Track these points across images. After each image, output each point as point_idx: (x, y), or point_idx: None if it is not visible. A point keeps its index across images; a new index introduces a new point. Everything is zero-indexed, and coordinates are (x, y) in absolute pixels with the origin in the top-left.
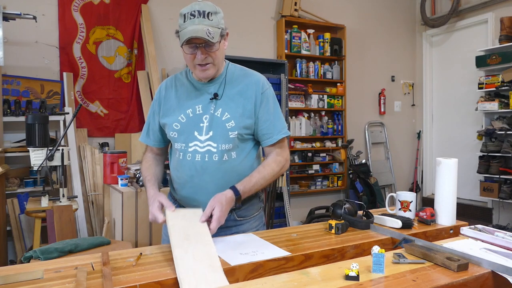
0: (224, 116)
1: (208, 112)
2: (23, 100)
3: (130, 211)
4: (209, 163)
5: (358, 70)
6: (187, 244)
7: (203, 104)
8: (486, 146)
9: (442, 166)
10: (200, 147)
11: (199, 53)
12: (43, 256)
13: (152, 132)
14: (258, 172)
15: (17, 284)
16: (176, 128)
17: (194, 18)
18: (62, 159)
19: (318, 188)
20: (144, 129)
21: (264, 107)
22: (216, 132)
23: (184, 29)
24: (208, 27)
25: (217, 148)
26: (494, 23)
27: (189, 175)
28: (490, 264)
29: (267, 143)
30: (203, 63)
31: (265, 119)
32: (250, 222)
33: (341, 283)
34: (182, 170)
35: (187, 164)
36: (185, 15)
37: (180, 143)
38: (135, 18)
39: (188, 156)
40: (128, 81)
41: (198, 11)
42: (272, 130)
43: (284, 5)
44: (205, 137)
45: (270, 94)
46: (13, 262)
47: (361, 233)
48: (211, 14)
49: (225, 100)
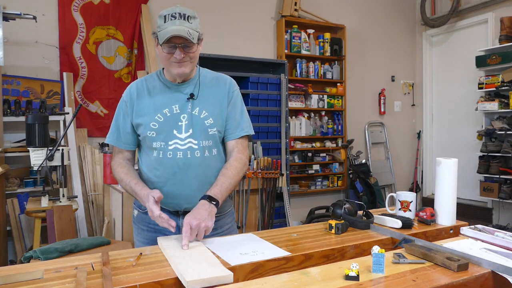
0: (202, 114)
1: (185, 111)
2: (23, 100)
3: (130, 211)
4: (191, 159)
5: (358, 70)
6: (183, 254)
7: (180, 103)
8: (486, 146)
9: (442, 166)
10: (180, 145)
11: (177, 52)
12: (43, 256)
13: (123, 134)
14: (224, 176)
15: (17, 284)
16: (154, 128)
17: (175, 19)
18: (62, 159)
19: (318, 188)
20: (112, 132)
21: (232, 106)
22: (196, 130)
23: (165, 29)
24: (188, 28)
25: (198, 145)
26: (494, 23)
27: (171, 173)
28: (490, 264)
29: (229, 138)
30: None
31: (231, 116)
32: (226, 217)
33: (341, 283)
34: (163, 168)
35: (168, 162)
36: (165, 16)
37: (159, 142)
38: (135, 18)
39: (169, 154)
40: (128, 81)
41: (179, 13)
42: (236, 127)
43: (284, 5)
44: (185, 134)
45: (238, 94)
46: (13, 262)
47: (361, 233)
48: (191, 18)
49: (201, 100)
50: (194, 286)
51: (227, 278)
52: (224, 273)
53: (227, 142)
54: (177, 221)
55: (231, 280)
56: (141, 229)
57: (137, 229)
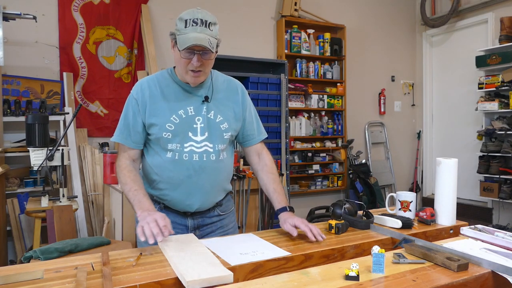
0: (218, 119)
1: (200, 114)
2: (23, 100)
3: (130, 211)
4: (207, 162)
5: (358, 70)
6: (183, 253)
7: (194, 105)
8: (486, 146)
9: (442, 166)
10: (196, 147)
11: (195, 59)
12: (43, 256)
13: (133, 132)
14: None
15: (17, 284)
16: (170, 129)
17: (197, 26)
18: (62, 159)
19: (318, 188)
20: (122, 130)
21: (249, 112)
22: (212, 133)
23: (186, 35)
24: (209, 36)
25: (214, 148)
26: (494, 23)
27: (187, 175)
28: (490, 264)
29: (251, 143)
30: (196, 70)
31: (249, 121)
32: (230, 216)
33: (341, 283)
34: (177, 170)
35: (184, 164)
36: (186, 20)
37: (175, 144)
38: (135, 18)
39: (185, 156)
40: (128, 81)
41: (201, 19)
42: (256, 131)
43: (284, 5)
44: (201, 137)
45: (249, 99)
46: (13, 262)
47: (361, 233)
48: (212, 25)
49: (215, 103)
50: (194, 286)
51: (227, 278)
52: (224, 273)
53: (250, 146)
54: (185, 222)
55: (231, 280)
56: None
57: None
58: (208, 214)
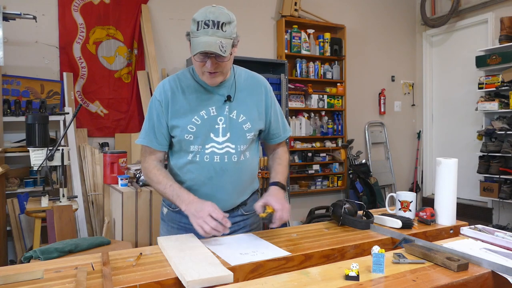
0: (240, 118)
1: (222, 114)
2: (23, 100)
3: (130, 211)
4: (228, 164)
5: (358, 70)
6: (183, 253)
7: (216, 105)
8: (486, 146)
9: (442, 166)
10: (218, 149)
11: (209, 62)
12: (43, 256)
13: (159, 134)
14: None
15: (17, 284)
16: (192, 131)
17: (208, 28)
18: (62, 159)
19: (318, 188)
20: (147, 132)
21: (273, 110)
22: (234, 134)
23: (197, 38)
24: (221, 39)
25: (236, 149)
26: (494, 23)
27: (208, 177)
28: (490, 264)
29: (276, 141)
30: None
31: (275, 120)
32: (254, 216)
33: (341, 283)
34: (198, 172)
35: (205, 166)
36: (198, 22)
37: (197, 145)
38: (135, 18)
39: (206, 158)
40: (128, 81)
41: (213, 21)
42: (281, 129)
43: (284, 5)
44: (223, 138)
45: (274, 95)
46: (13, 262)
47: (361, 233)
48: (225, 25)
49: (238, 102)
50: (194, 286)
51: (227, 278)
52: (224, 273)
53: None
54: None
55: (231, 280)
56: (171, 227)
57: (166, 227)
58: (231, 214)
